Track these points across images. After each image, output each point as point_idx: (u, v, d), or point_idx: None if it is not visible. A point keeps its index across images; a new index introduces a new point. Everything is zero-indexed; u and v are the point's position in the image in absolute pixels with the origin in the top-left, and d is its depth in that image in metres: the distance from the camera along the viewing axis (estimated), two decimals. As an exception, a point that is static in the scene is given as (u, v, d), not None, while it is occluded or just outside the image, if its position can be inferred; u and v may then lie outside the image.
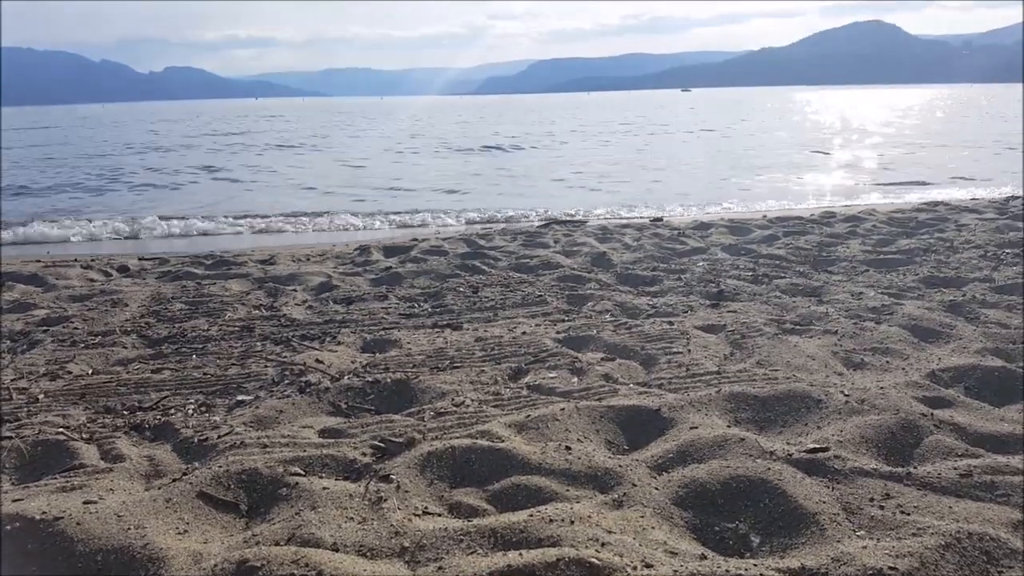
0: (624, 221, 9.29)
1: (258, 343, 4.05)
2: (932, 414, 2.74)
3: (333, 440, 2.68)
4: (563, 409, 2.85)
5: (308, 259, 6.74)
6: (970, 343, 3.68)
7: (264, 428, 2.84)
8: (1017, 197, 10.36)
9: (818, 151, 21.15)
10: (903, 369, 3.34)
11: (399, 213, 10.98)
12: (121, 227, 9.67)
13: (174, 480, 2.35)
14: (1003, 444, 2.56)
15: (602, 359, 3.63)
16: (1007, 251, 6.05)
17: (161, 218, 10.19)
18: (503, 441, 2.55)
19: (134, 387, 3.37)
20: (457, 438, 2.59)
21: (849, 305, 4.46)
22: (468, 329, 4.24)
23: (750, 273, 5.53)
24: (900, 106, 59.73)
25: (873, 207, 9.68)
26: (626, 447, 2.69)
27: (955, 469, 2.33)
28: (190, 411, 3.06)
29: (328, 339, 4.09)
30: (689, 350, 3.66)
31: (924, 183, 13.80)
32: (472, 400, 3.06)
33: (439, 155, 22.78)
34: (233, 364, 3.68)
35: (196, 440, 2.71)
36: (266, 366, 3.62)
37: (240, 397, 3.21)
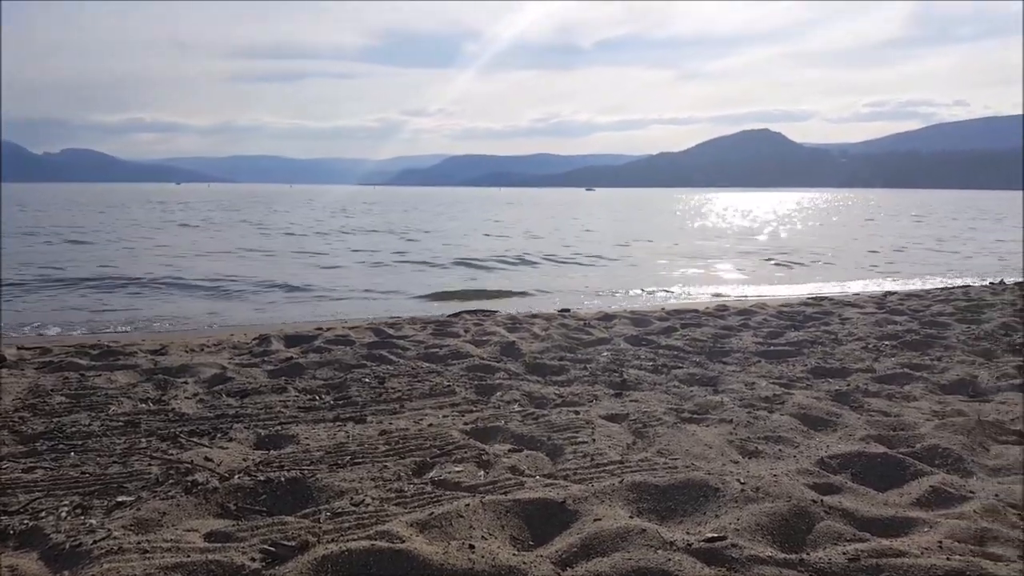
0: (533, 311, 9.43)
1: (143, 439, 3.82)
2: (822, 500, 2.84)
3: (220, 544, 2.52)
4: (468, 505, 2.79)
5: (202, 349, 6.48)
6: (855, 431, 3.87)
7: (145, 532, 2.65)
8: (894, 292, 11.17)
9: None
10: (794, 457, 3.46)
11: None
12: None
13: (38, 594, 2.15)
14: (887, 527, 2.67)
15: (509, 450, 3.60)
16: (886, 343, 6.47)
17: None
18: (404, 542, 2.46)
19: (0, 489, 3.09)
20: (355, 540, 2.48)
21: (743, 394, 4.63)
22: (372, 422, 4.13)
23: (651, 363, 5.68)
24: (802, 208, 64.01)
25: (764, 301, 10.20)
26: (531, 542, 2.65)
27: (844, 554, 2.41)
28: (63, 514, 2.82)
29: (219, 435, 3.90)
30: (594, 439, 3.69)
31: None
32: (373, 498, 2.95)
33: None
34: (115, 462, 3.45)
35: (68, 546, 2.50)
36: (150, 464, 3.40)
37: (120, 498, 3.00)
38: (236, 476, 3.20)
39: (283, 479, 3.12)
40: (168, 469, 3.31)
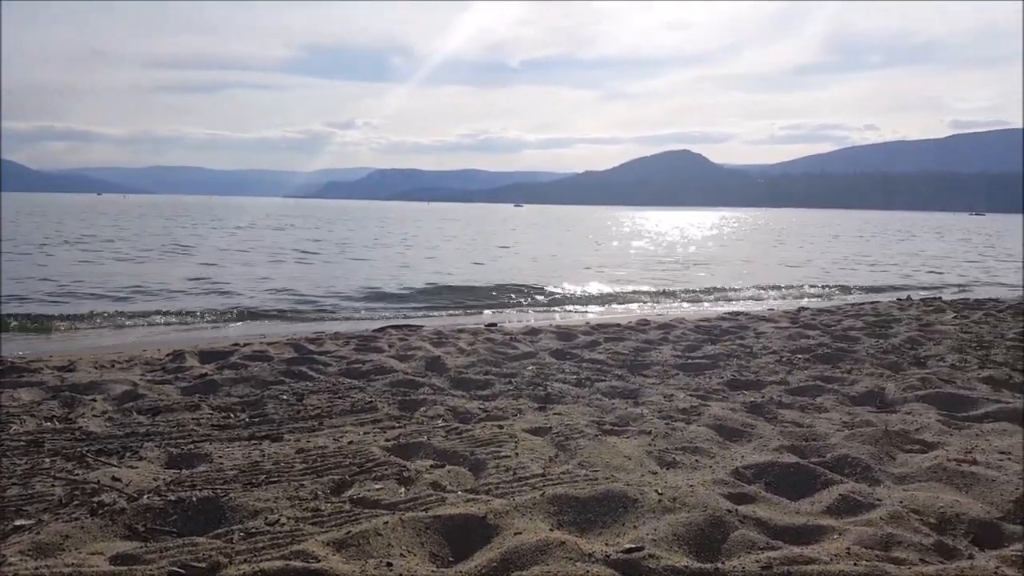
0: (459, 326, 9.41)
1: (46, 459, 3.62)
2: (737, 510, 2.91)
3: (127, 567, 2.41)
4: (387, 523, 2.75)
5: (113, 365, 6.21)
6: (769, 441, 3.99)
7: (45, 556, 2.51)
8: (807, 308, 11.61)
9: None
10: (711, 467, 3.54)
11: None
12: None
13: (-81, 628, 2.00)
14: (799, 535, 2.76)
15: (431, 466, 3.57)
16: (799, 356, 6.71)
17: None
18: (319, 561, 2.41)
19: None
20: (268, 560, 2.41)
21: (662, 407, 4.72)
22: (289, 440, 4.03)
23: (574, 376, 5.74)
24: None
25: (683, 316, 10.46)
26: (451, 559, 2.62)
27: (758, 562, 2.47)
28: (-48, 542, 2.65)
29: (128, 454, 3.73)
30: (517, 453, 3.69)
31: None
32: (288, 518, 2.87)
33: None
34: (14, 484, 3.26)
35: (-45, 577, 2.34)
36: (53, 485, 3.23)
37: (19, 522, 2.83)
38: (145, 496, 3.07)
39: (195, 499, 3.01)
40: (73, 490, 3.16)
